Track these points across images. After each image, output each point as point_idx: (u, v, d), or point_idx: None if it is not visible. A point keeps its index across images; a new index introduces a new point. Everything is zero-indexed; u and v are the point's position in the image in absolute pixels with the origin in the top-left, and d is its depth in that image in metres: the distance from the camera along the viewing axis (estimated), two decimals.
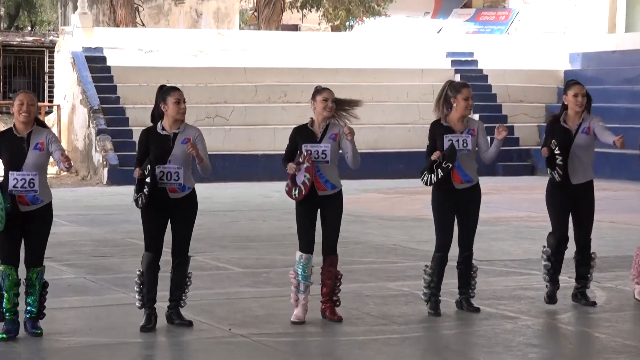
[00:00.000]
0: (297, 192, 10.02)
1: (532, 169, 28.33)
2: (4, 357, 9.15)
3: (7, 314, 9.34)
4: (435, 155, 10.26)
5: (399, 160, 25.98)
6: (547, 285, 10.96)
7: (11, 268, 9.33)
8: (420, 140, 26.20)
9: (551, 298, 10.88)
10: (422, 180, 10.52)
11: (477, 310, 10.67)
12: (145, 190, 9.46)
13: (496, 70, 32.88)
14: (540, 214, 11.31)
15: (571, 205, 10.93)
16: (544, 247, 11.01)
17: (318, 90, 10.23)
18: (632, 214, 11.53)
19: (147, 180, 9.42)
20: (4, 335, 9.31)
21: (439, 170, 10.22)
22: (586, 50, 34.63)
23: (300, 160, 9.99)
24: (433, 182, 10.37)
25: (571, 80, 11.39)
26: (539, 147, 12.18)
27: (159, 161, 9.62)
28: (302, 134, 10.19)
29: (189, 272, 9.99)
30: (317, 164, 10.04)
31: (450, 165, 10.18)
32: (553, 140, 10.68)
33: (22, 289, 9.51)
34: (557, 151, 10.58)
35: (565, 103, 10.90)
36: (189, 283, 9.98)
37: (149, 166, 9.44)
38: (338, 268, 10.37)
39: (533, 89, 31.77)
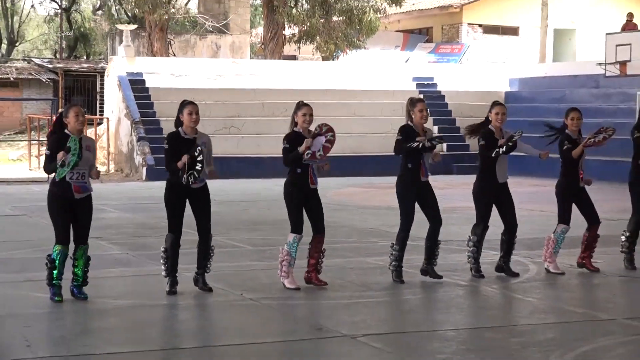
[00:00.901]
0: (321, 151, 10.07)
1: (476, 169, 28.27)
2: (57, 317, 9.05)
3: (56, 282, 9.37)
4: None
5: (375, 162, 25.86)
6: (472, 267, 10.98)
7: (65, 247, 9.31)
8: (392, 147, 26.28)
9: (479, 272, 10.86)
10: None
11: (440, 277, 10.63)
12: (198, 166, 9.49)
13: (451, 91, 32.93)
14: (470, 208, 11.32)
15: (495, 200, 10.97)
16: (470, 236, 10.99)
17: (299, 106, 10.27)
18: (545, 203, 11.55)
19: (200, 158, 9.45)
20: (59, 298, 9.37)
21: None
22: (522, 76, 34.67)
23: (317, 132, 10.08)
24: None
25: (496, 101, 11.51)
26: None
27: (191, 166, 9.56)
28: (298, 138, 10.06)
29: (211, 246, 9.96)
30: (311, 163, 10.05)
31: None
32: (520, 130, 10.94)
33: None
34: (516, 136, 10.70)
35: (490, 119, 10.93)
36: (212, 254, 9.99)
37: (199, 148, 9.50)
38: (325, 246, 10.38)
39: (480, 106, 31.41)
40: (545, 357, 7.51)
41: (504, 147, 10.62)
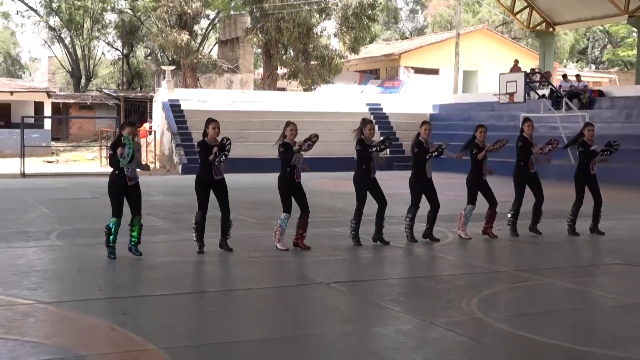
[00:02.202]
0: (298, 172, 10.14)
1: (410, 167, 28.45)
2: (120, 269, 8.92)
3: (111, 244, 9.38)
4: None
5: (340, 162, 25.69)
6: (407, 235, 10.93)
7: (119, 219, 9.33)
8: (350, 152, 26.81)
9: (413, 238, 10.88)
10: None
11: (388, 243, 10.61)
12: (227, 150, 9.55)
13: (393, 113, 32.87)
14: (407, 194, 11.24)
15: (425, 189, 10.94)
16: (407, 214, 11.01)
17: (288, 123, 10.30)
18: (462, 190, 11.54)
19: (228, 147, 9.57)
20: (113, 256, 9.37)
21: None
22: (441, 102, 34.72)
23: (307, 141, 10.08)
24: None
25: (424, 121, 11.81)
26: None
27: (221, 149, 9.61)
28: (288, 146, 10.03)
29: (230, 220, 9.94)
30: (297, 165, 10.03)
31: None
32: (447, 142, 11.26)
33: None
34: (444, 146, 10.79)
35: (420, 133, 10.95)
36: (231, 225, 10.00)
37: (228, 140, 9.64)
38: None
39: (413, 123, 31.39)
40: (460, 298, 7.42)
41: (435, 152, 10.66)
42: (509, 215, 11.68)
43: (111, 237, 9.33)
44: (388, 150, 10.76)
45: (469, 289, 7.85)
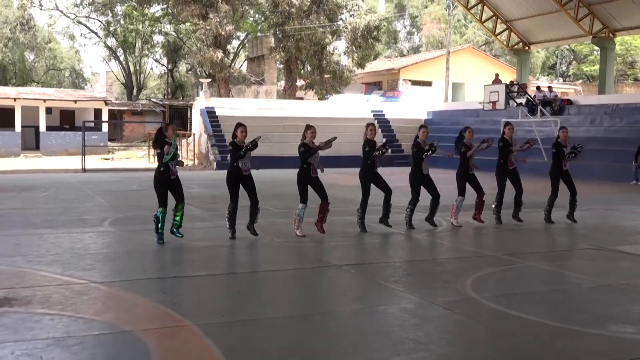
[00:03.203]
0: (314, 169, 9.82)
1: (409, 164, 28.09)
2: (162, 253, 8.65)
3: (160, 230, 9.11)
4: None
5: (349, 159, 25.28)
6: (407, 223, 10.63)
7: (164, 209, 9.06)
8: (359, 151, 26.63)
9: (412, 225, 10.59)
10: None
11: (390, 226, 10.39)
12: (249, 146, 9.32)
13: (394, 118, 32.53)
14: (408, 188, 10.89)
15: (423, 183, 10.60)
16: (408, 206, 10.69)
17: (308, 127, 9.97)
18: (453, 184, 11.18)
19: (255, 141, 9.39)
20: (162, 241, 9.07)
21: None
22: (435, 109, 34.32)
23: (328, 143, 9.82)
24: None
25: (422, 125, 11.25)
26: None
27: (240, 157, 9.32)
28: (307, 147, 9.69)
29: (259, 207, 9.67)
30: (314, 162, 9.69)
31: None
32: (437, 141, 10.72)
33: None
34: (435, 144, 10.47)
35: (419, 135, 10.60)
36: (259, 212, 9.72)
37: (259, 137, 9.54)
38: (317, 210, 10.04)
39: (411, 127, 31.22)
40: (455, 279, 7.10)
41: (430, 151, 10.33)
42: (493, 206, 11.41)
43: (159, 224, 9.07)
44: (389, 150, 10.47)
45: (462, 271, 7.52)
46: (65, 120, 41.85)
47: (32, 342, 4.95)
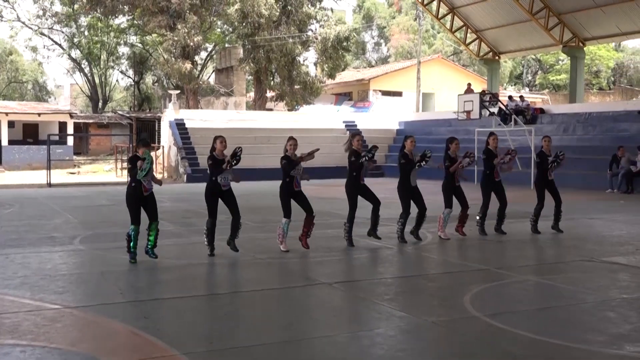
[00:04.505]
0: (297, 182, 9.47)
1: (382, 174, 27.93)
2: (138, 272, 8.14)
3: (132, 250, 8.61)
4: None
5: (323, 170, 24.96)
6: (399, 236, 10.26)
7: (137, 227, 8.56)
8: (332, 162, 26.56)
9: (404, 239, 10.20)
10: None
11: (380, 238, 10.09)
12: (238, 156, 8.81)
13: (366, 129, 31.74)
14: (390, 199, 10.56)
15: (411, 195, 10.22)
16: (399, 219, 10.29)
17: (290, 138, 9.54)
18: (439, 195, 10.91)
19: (239, 154, 8.81)
20: (134, 260, 8.59)
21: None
22: (406, 120, 34.18)
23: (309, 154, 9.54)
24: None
25: (407, 135, 10.85)
26: (385, 163, 11.47)
27: (220, 171, 8.71)
28: (288, 159, 9.28)
29: (240, 222, 9.17)
30: (296, 175, 9.27)
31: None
32: (429, 150, 10.39)
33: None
34: (428, 154, 10.16)
35: (405, 145, 10.27)
36: (240, 227, 9.21)
37: (239, 149, 8.83)
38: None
39: (384, 138, 31.15)
40: (453, 296, 6.75)
41: (423, 162, 10.01)
42: (478, 218, 11.17)
43: (132, 243, 8.56)
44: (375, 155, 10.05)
45: (457, 287, 7.18)
46: (29, 134, 40.83)
47: None
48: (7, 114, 37.52)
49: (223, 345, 5.22)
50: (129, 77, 58.42)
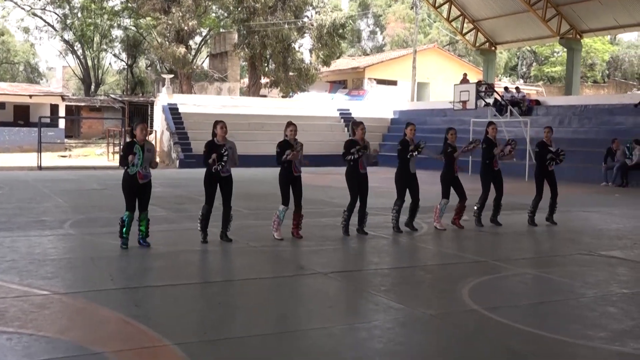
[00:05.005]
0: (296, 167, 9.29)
1: (375, 163, 27.78)
2: (129, 259, 7.97)
3: (125, 235, 8.39)
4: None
5: (317, 158, 24.76)
6: (394, 226, 10.14)
7: (132, 213, 8.36)
8: (326, 150, 26.45)
9: (399, 229, 10.12)
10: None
11: (366, 234, 9.81)
12: (224, 159, 8.58)
13: (361, 117, 31.56)
14: (385, 188, 10.43)
15: (408, 184, 10.10)
16: (393, 207, 10.19)
17: (288, 124, 9.36)
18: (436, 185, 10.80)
19: (225, 155, 8.59)
20: (125, 246, 8.37)
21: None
22: (401, 109, 34.01)
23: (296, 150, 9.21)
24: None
25: (409, 122, 10.67)
26: (379, 152, 11.35)
27: (219, 158, 8.52)
28: (286, 145, 9.11)
29: (231, 214, 9.00)
30: (294, 160, 9.14)
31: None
32: (424, 141, 10.18)
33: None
34: (422, 145, 9.96)
35: (406, 133, 10.21)
36: (232, 219, 9.04)
37: (225, 149, 8.61)
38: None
39: (379, 127, 31.02)
40: (451, 288, 6.62)
41: (416, 151, 9.86)
42: (475, 208, 11.07)
43: (124, 229, 8.38)
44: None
45: (455, 279, 7.05)
46: (20, 115, 40.48)
47: None
48: None
49: (216, 335, 5.07)
50: (122, 60, 57.99)
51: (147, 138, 8.51)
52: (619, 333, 5.24)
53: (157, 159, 29.48)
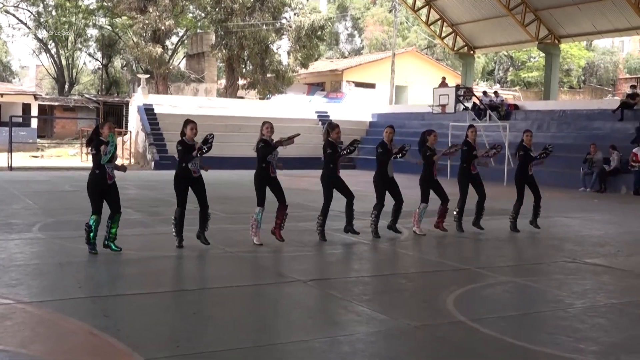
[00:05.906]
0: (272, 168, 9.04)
1: (354, 166, 27.66)
2: (99, 265, 7.63)
3: (92, 240, 8.03)
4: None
5: (294, 161, 24.53)
6: (372, 231, 9.90)
7: (99, 217, 8.02)
8: (304, 152, 26.21)
9: (377, 234, 9.88)
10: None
11: (358, 233, 9.74)
12: (210, 143, 8.42)
13: (338, 120, 30.66)
14: (364, 192, 10.20)
15: (388, 187, 9.91)
16: (373, 211, 9.99)
17: (264, 122, 9.21)
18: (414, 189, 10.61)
19: (210, 140, 8.44)
20: (95, 251, 8.02)
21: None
22: (379, 112, 33.88)
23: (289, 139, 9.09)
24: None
25: (389, 125, 10.43)
26: (358, 155, 11.13)
27: (190, 158, 8.21)
28: (267, 143, 8.91)
29: (209, 213, 8.68)
30: (272, 161, 8.86)
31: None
32: (408, 144, 10.32)
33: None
34: (407, 148, 9.96)
35: (385, 136, 10.01)
36: (209, 219, 8.71)
37: (211, 136, 8.52)
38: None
39: (357, 130, 30.71)
40: (434, 297, 6.39)
41: (400, 154, 9.69)
42: (455, 213, 10.88)
43: (91, 234, 8.01)
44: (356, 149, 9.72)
45: (438, 288, 6.82)
46: None
47: None
48: None
49: (190, 349, 4.78)
50: (97, 60, 57.21)
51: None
52: (611, 346, 5.05)
53: (132, 161, 28.78)
